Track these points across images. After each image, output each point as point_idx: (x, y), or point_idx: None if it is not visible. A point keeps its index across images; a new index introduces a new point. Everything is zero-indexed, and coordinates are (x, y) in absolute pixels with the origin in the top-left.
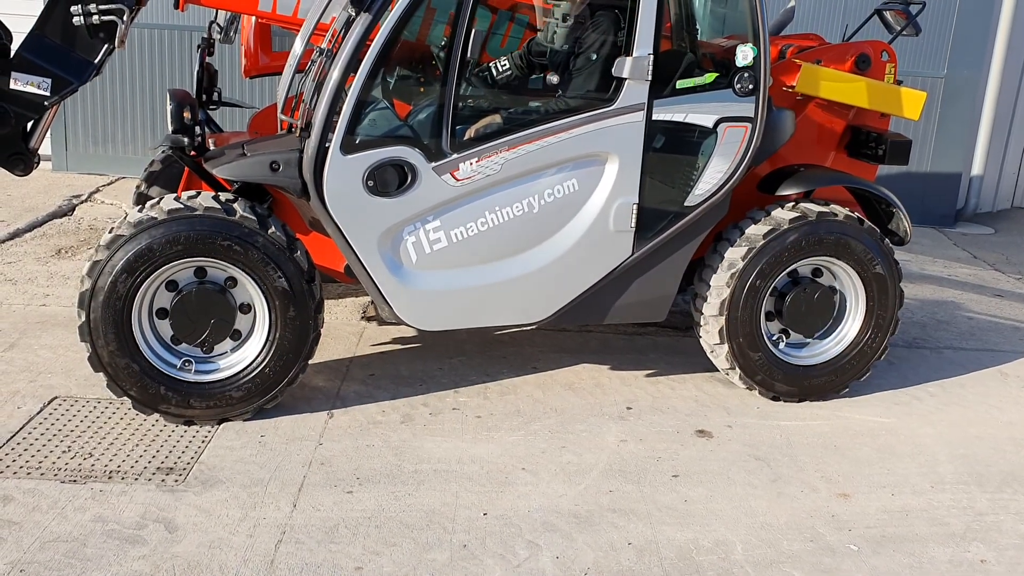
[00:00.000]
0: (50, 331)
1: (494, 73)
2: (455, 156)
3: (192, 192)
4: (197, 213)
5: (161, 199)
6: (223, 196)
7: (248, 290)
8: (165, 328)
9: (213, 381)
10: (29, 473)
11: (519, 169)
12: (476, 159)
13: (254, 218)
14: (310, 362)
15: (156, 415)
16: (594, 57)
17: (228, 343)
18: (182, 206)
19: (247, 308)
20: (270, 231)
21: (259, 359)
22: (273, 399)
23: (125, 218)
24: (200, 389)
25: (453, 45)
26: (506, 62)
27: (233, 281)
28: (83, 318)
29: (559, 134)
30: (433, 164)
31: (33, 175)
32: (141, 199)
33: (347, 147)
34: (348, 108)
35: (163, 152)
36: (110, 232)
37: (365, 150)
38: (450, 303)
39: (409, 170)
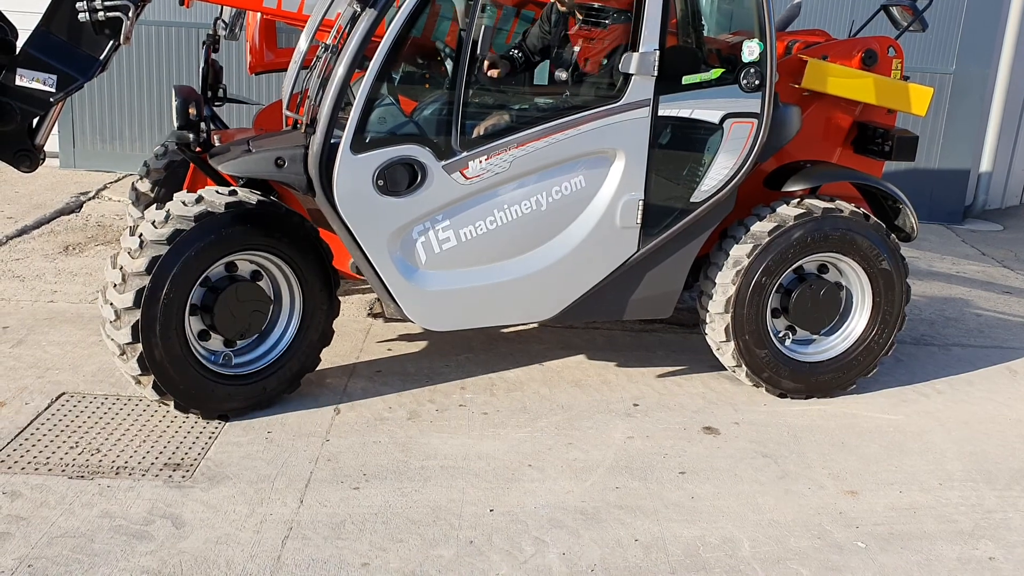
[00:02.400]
0: (58, 327)
1: (514, 63)
2: (465, 154)
3: (224, 188)
4: (252, 206)
5: (202, 193)
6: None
7: (279, 281)
8: (195, 323)
9: (251, 373)
10: (37, 469)
11: (528, 167)
12: (485, 157)
13: (296, 212)
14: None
15: (185, 413)
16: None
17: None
18: (239, 199)
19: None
20: (307, 222)
21: (292, 348)
22: (296, 387)
23: (168, 214)
24: (242, 381)
25: (462, 42)
26: (520, 54)
27: (259, 274)
28: (136, 318)
29: (567, 130)
30: (443, 163)
31: (41, 172)
32: (141, 198)
33: (357, 146)
34: (358, 107)
35: (156, 155)
36: (156, 226)
37: (375, 149)
38: (459, 303)
39: (419, 169)
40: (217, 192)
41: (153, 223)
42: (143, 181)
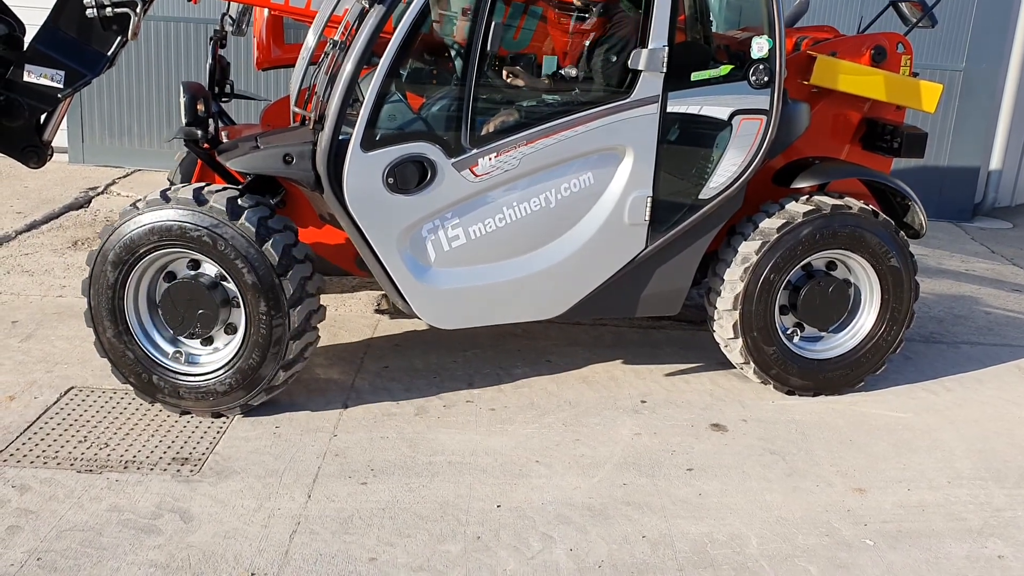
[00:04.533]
0: (66, 322)
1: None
2: (474, 151)
3: (180, 184)
4: (169, 203)
5: (158, 191)
6: (208, 188)
7: (235, 286)
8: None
9: (199, 374)
10: (46, 463)
11: (537, 164)
12: (495, 154)
13: (223, 209)
14: (298, 358)
15: (158, 404)
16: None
17: (225, 337)
18: (159, 197)
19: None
20: (239, 222)
21: (237, 355)
22: (258, 396)
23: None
24: (188, 381)
25: (472, 40)
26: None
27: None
28: (87, 305)
29: (576, 127)
30: (452, 160)
31: (50, 167)
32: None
33: (367, 144)
34: (368, 104)
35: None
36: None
37: (385, 147)
38: (468, 301)
39: (429, 166)
40: (164, 191)
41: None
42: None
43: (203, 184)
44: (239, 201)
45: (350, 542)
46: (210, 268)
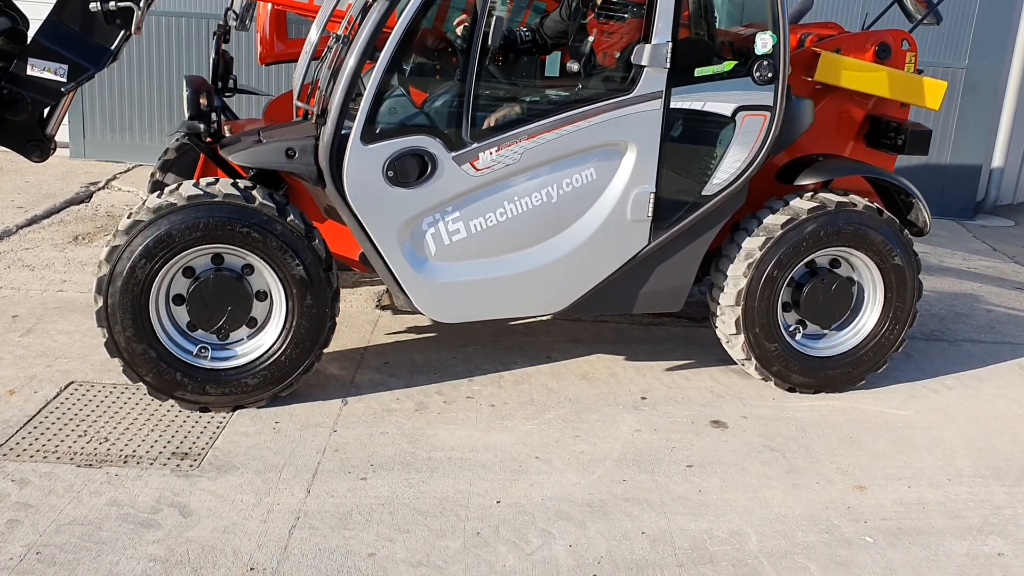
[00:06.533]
0: (67, 316)
1: (517, 40)
2: (475, 145)
3: (211, 179)
4: (216, 200)
5: (180, 185)
6: (242, 183)
7: (265, 278)
8: (182, 314)
9: (229, 368)
10: (45, 457)
11: (538, 158)
12: (496, 148)
13: (273, 206)
14: (325, 350)
15: (171, 401)
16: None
17: (244, 330)
18: (202, 192)
19: (263, 295)
20: (289, 219)
21: (275, 347)
22: (288, 387)
23: (143, 204)
24: (216, 376)
25: (474, 33)
26: (528, 32)
27: (250, 268)
28: (100, 303)
29: (578, 122)
30: (453, 154)
31: (51, 162)
32: (156, 186)
33: (367, 137)
34: (368, 98)
35: (177, 140)
36: (128, 218)
37: (386, 140)
38: (468, 295)
39: (429, 160)
40: (194, 185)
41: (129, 214)
42: (160, 171)
43: (238, 180)
44: (276, 197)
45: (349, 537)
46: (235, 263)
